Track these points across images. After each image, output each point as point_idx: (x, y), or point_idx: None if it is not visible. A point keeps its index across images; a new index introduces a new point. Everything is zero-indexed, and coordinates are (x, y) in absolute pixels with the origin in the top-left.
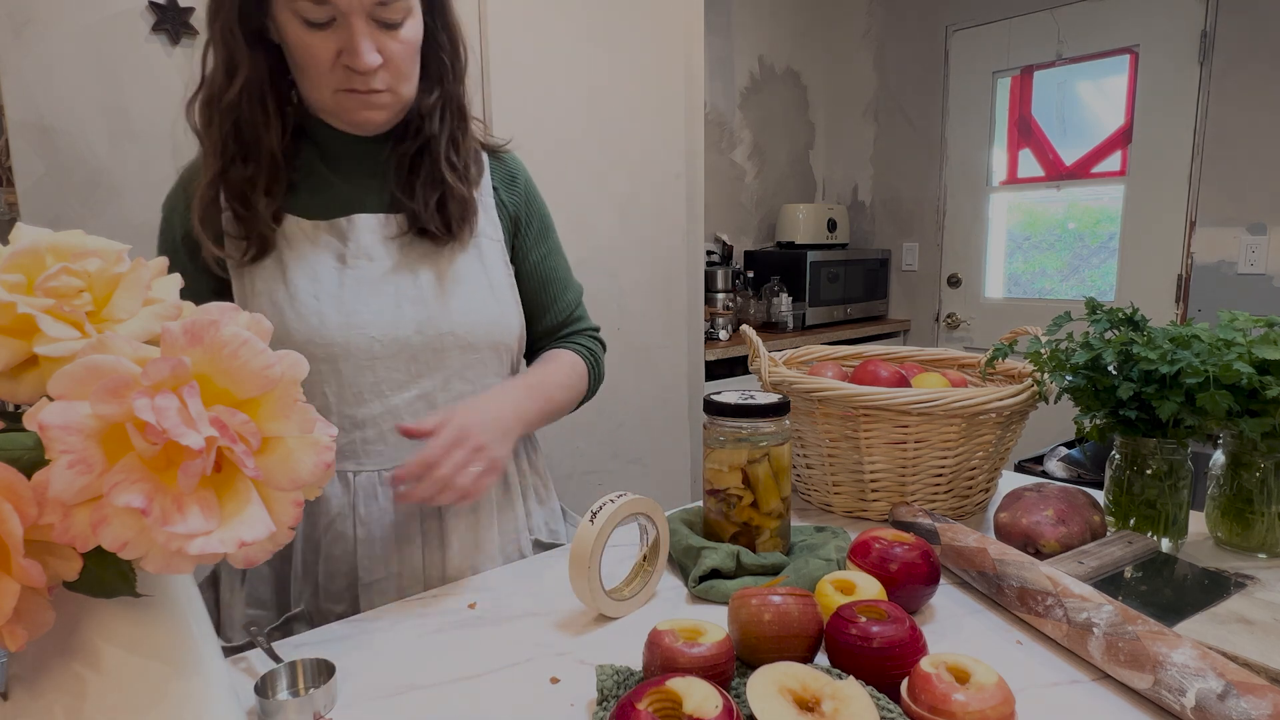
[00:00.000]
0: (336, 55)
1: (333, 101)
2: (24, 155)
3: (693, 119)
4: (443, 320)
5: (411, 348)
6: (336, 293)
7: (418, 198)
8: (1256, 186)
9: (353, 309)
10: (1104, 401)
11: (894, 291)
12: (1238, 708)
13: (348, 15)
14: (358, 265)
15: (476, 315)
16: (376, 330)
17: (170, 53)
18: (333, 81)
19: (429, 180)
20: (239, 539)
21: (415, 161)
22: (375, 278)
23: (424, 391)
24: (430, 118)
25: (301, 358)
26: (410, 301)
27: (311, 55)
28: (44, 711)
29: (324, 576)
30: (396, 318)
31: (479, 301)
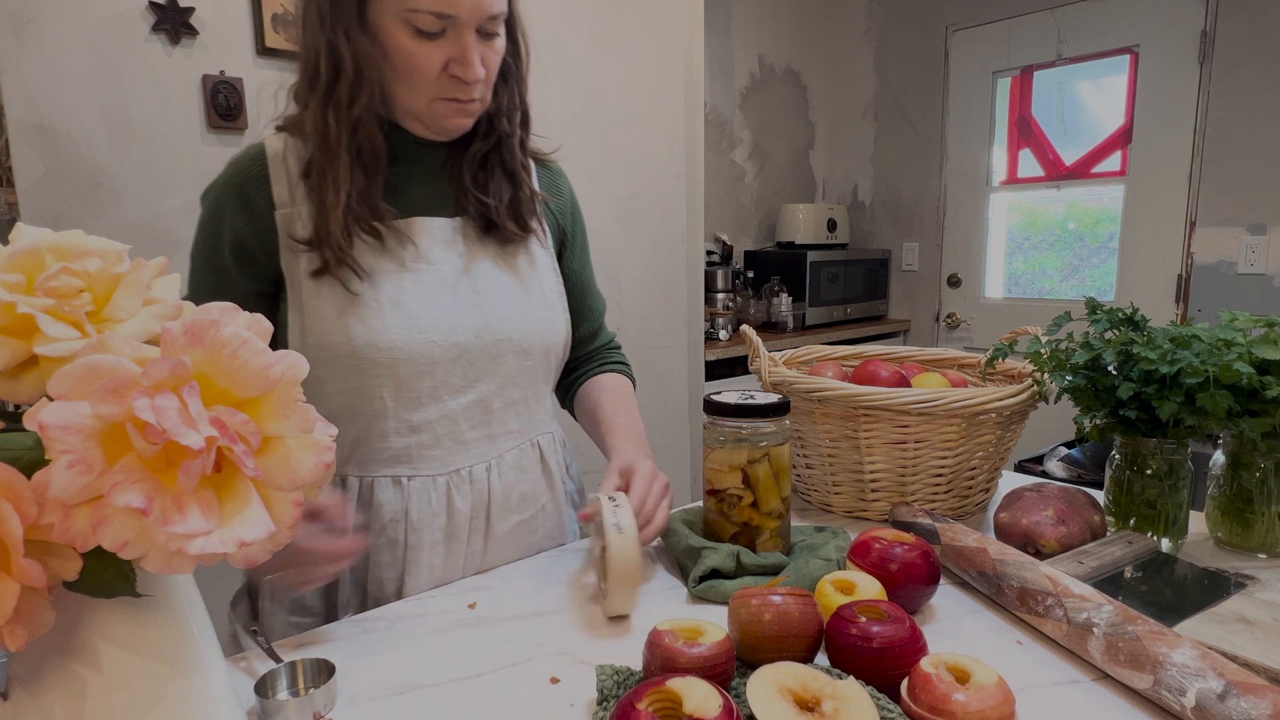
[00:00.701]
0: (444, 65)
1: (428, 109)
2: (24, 155)
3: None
4: (500, 326)
5: (470, 353)
6: (397, 297)
7: (492, 194)
8: (1256, 186)
9: (414, 313)
10: (1104, 401)
11: (894, 291)
12: (1238, 708)
13: (462, 27)
14: (418, 269)
15: (532, 322)
16: (437, 335)
17: (170, 53)
18: (435, 90)
19: (503, 178)
20: (239, 539)
21: (487, 161)
22: (435, 282)
23: (480, 396)
24: (501, 118)
25: (301, 358)
26: (469, 306)
27: (417, 64)
28: (44, 711)
29: (373, 583)
30: (456, 323)
31: (534, 308)
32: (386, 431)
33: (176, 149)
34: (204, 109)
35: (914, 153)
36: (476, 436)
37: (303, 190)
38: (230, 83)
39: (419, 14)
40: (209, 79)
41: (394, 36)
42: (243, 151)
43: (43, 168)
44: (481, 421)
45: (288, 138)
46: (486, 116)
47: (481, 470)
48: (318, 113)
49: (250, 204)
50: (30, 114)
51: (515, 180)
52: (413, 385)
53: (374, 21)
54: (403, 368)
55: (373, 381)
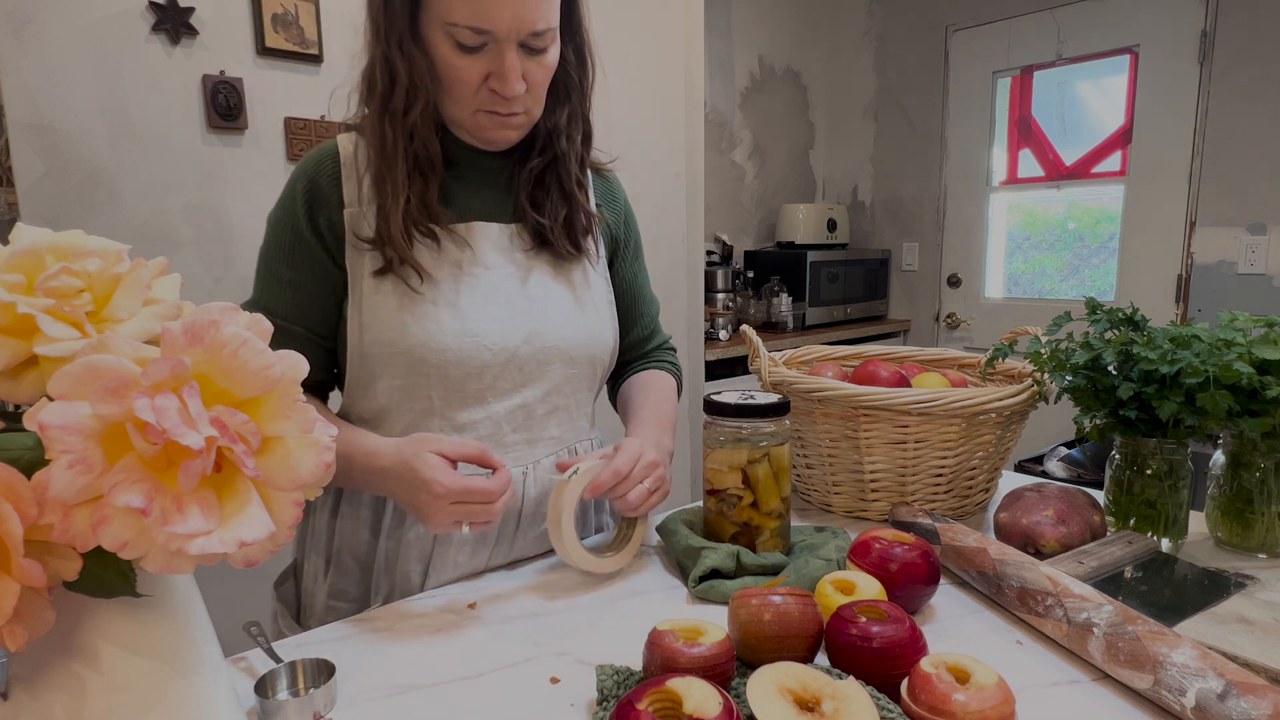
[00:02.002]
0: (484, 78)
1: (471, 120)
2: (24, 155)
3: (693, 119)
4: (550, 333)
5: (519, 358)
6: (453, 299)
7: (546, 214)
8: (1256, 186)
9: (468, 316)
10: (1104, 401)
11: (894, 291)
12: (1238, 708)
13: (502, 43)
14: (474, 273)
15: (581, 331)
16: (489, 339)
17: (170, 53)
18: (476, 102)
19: (558, 197)
20: (239, 539)
21: (543, 178)
22: (490, 287)
23: (524, 402)
24: (559, 135)
25: (301, 358)
26: (521, 313)
27: (459, 76)
28: (44, 711)
29: (400, 576)
30: (508, 328)
31: (585, 318)
32: (432, 429)
33: (176, 149)
34: (204, 109)
35: (914, 153)
36: (517, 440)
37: (369, 191)
38: (230, 83)
39: (458, 28)
40: (209, 79)
41: (438, 48)
42: (315, 149)
43: (43, 168)
44: (523, 426)
45: (358, 138)
46: (545, 133)
47: (518, 474)
48: (375, 120)
49: (324, 198)
50: (30, 114)
51: (571, 200)
52: (461, 386)
53: (423, 32)
54: (452, 369)
55: (422, 380)
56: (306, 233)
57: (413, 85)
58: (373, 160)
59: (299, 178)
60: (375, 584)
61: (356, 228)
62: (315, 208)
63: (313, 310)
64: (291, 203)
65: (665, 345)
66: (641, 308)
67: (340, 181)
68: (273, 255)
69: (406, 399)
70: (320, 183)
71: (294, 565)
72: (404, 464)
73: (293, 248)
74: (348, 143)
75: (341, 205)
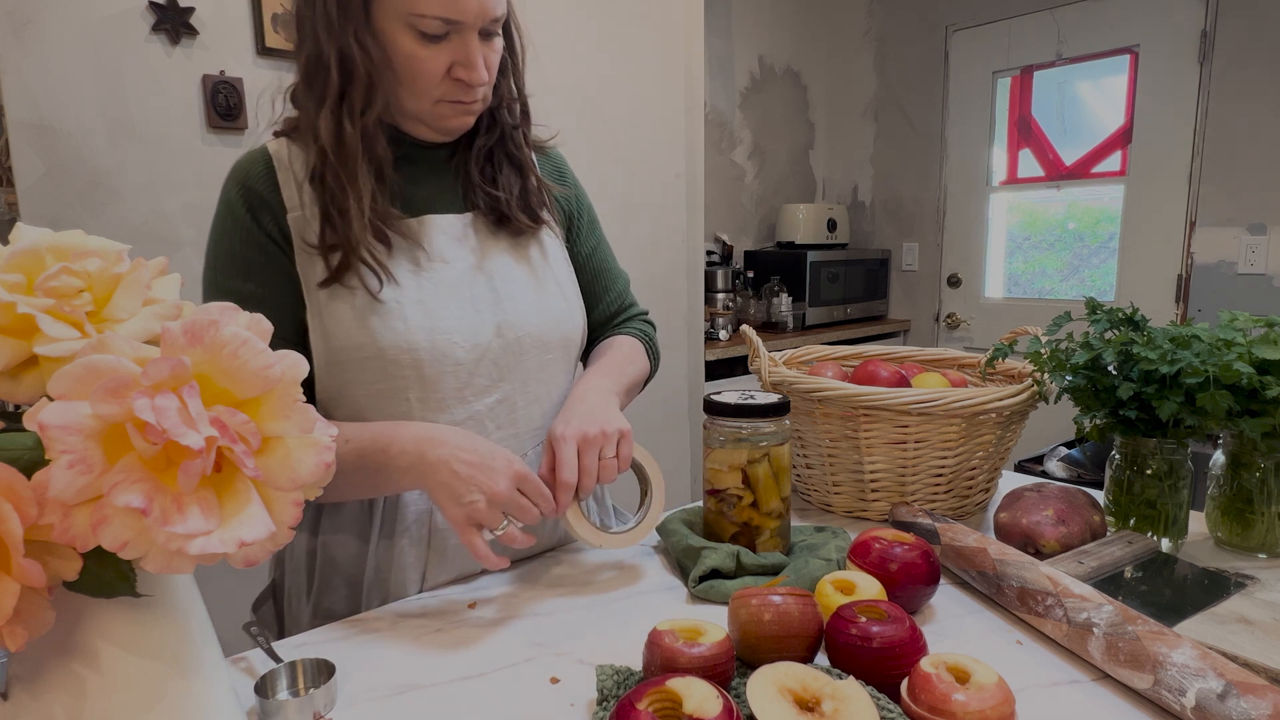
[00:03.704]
0: (447, 68)
1: (432, 111)
2: (24, 155)
3: (693, 119)
4: (520, 322)
5: (493, 352)
6: (417, 297)
7: (501, 188)
8: (1256, 186)
9: (435, 313)
10: (1104, 401)
11: (894, 291)
12: (1238, 708)
13: (466, 31)
14: (433, 269)
15: (550, 315)
16: (460, 335)
17: (170, 53)
18: (439, 92)
19: (511, 170)
20: (239, 539)
21: (493, 154)
22: (451, 281)
23: (505, 395)
24: (503, 109)
25: (301, 358)
26: (487, 305)
27: (423, 68)
28: (44, 711)
29: (395, 584)
30: (476, 322)
31: (550, 301)
32: None
33: (176, 149)
34: (204, 109)
35: (914, 153)
36: (502, 436)
37: (309, 195)
38: (230, 83)
39: (424, 19)
40: (209, 79)
41: (396, 40)
42: (244, 156)
43: (43, 168)
44: (507, 420)
45: (289, 143)
46: (489, 111)
47: None
48: (330, 120)
49: (265, 202)
50: (30, 114)
51: (523, 171)
52: (438, 386)
53: (378, 25)
54: (427, 368)
55: (398, 384)
56: (260, 237)
57: (371, 80)
58: (329, 164)
59: (231, 186)
60: (366, 597)
61: (303, 233)
62: (258, 212)
63: (285, 321)
64: (231, 212)
65: (638, 315)
66: (607, 281)
67: (278, 186)
68: (224, 273)
69: (384, 404)
70: (256, 188)
71: (273, 586)
72: (472, 439)
73: (245, 257)
74: (278, 147)
75: (284, 209)
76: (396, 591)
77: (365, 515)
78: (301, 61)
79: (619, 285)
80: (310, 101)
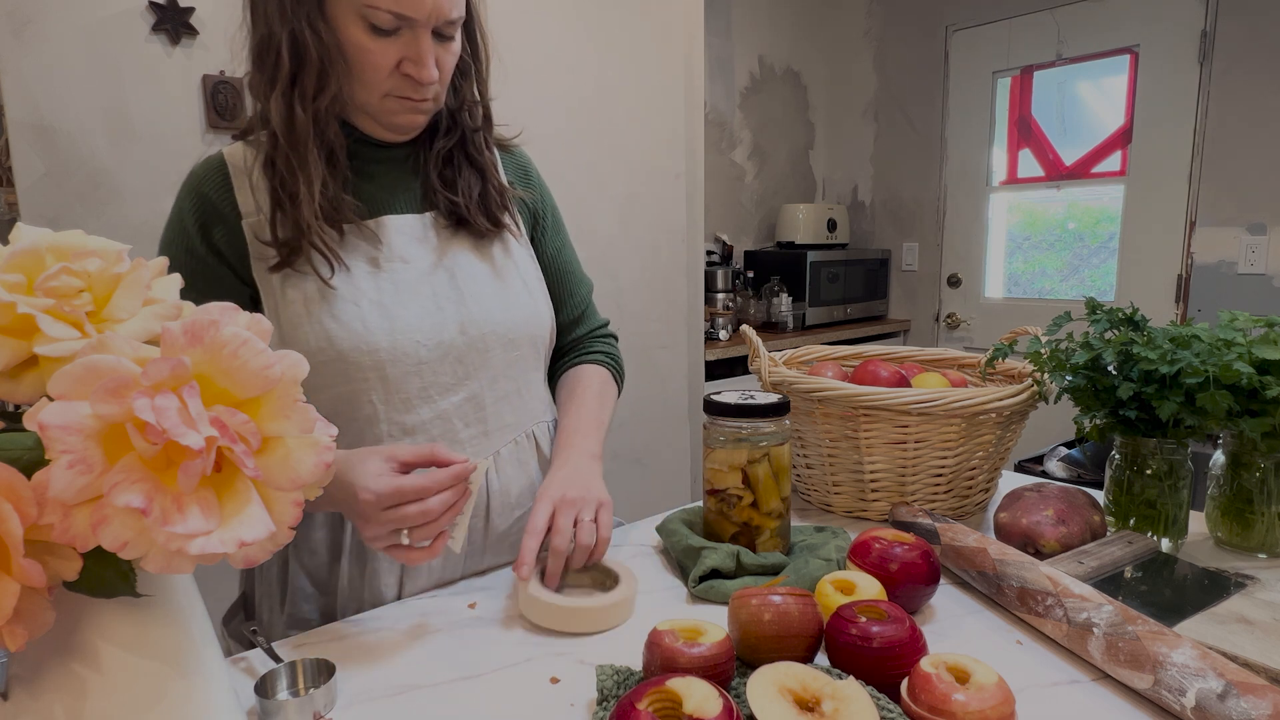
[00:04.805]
0: (397, 63)
1: (380, 105)
2: (24, 155)
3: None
4: (484, 319)
5: (456, 349)
6: (375, 298)
7: (460, 192)
8: (1256, 186)
9: (394, 313)
10: (1104, 401)
11: (894, 291)
12: (1238, 708)
13: (419, 28)
14: (392, 268)
15: (515, 311)
16: (421, 334)
17: (170, 53)
18: (386, 86)
19: (470, 173)
20: (239, 539)
21: (452, 156)
22: (412, 280)
23: (471, 394)
24: (463, 112)
25: (301, 358)
26: (450, 302)
27: (371, 60)
28: (44, 711)
29: (370, 591)
30: (439, 320)
31: (515, 298)
32: (380, 435)
33: (176, 149)
34: (204, 109)
35: (914, 153)
36: (472, 434)
37: (266, 196)
38: (230, 83)
39: (377, 11)
40: (209, 79)
41: (348, 30)
42: (199, 163)
43: (43, 168)
44: (476, 419)
45: (246, 148)
46: (448, 112)
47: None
48: (281, 104)
49: (217, 211)
50: (30, 114)
51: (483, 174)
52: (401, 387)
53: (331, 12)
54: (389, 368)
55: (360, 386)
56: (203, 251)
57: (323, 67)
58: (280, 149)
59: (185, 195)
60: (341, 608)
61: (260, 234)
62: (209, 224)
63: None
64: (180, 223)
65: (601, 332)
66: (570, 285)
67: (232, 191)
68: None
69: (346, 407)
70: (210, 196)
71: (243, 599)
72: (340, 475)
73: (190, 269)
74: (236, 153)
75: (239, 216)
76: (372, 600)
77: (337, 524)
78: (254, 44)
79: (582, 290)
80: (262, 84)
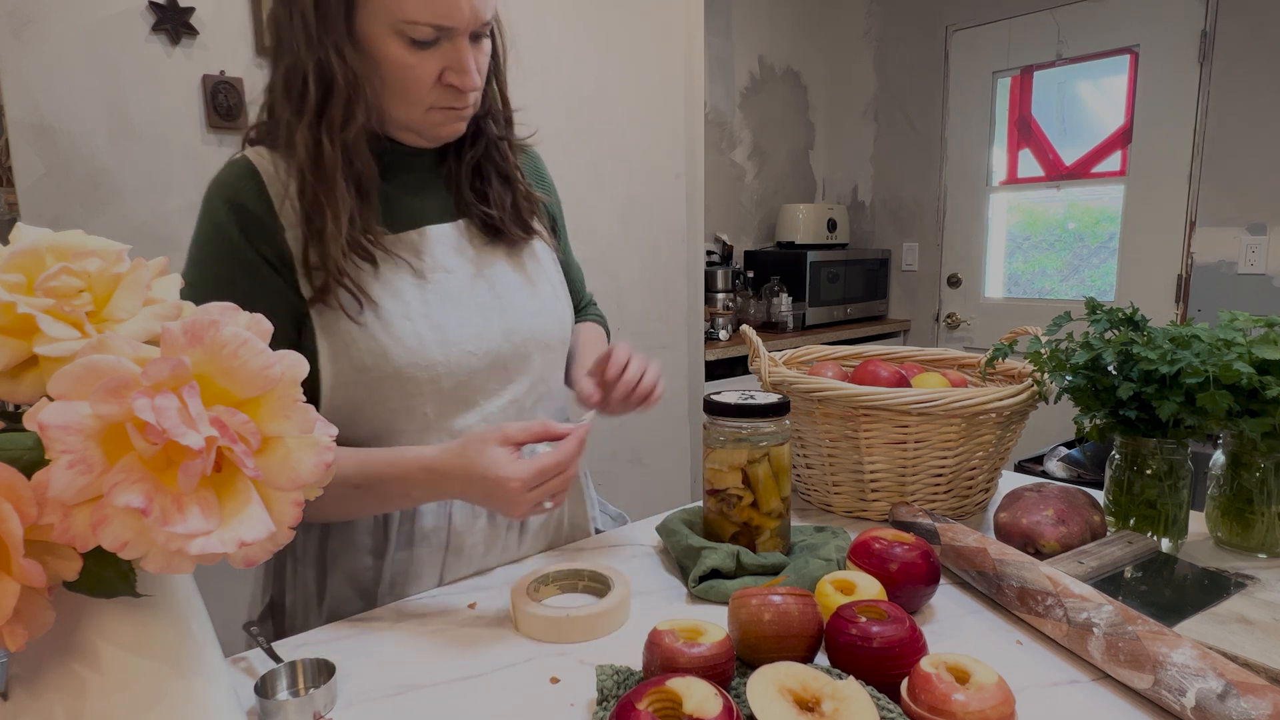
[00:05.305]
0: (439, 74)
1: (423, 119)
2: (24, 155)
3: (693, 119)
4: (524, 326)
5: (503, 357)
6: (424, 310)
7: (494, 203)
8: (1256, 186)
9: (444, 325)
10: (1104, 401)
11: (894, 291)
12: (1238, 708)
13: (457, 36)
14: (436, 279)
15: (549, 316)
16: (471, 344)
17: (170, 53)
18: (430, 99)
19: (500, 183)
20: (239, 539)
21: (481, 167)
22: (456, 291)
23: (514, 397)
24: (488, 120)
25: (301, 358)
26: (493, 311)
27: (413, 75)
28: (44, 711)
29: (414, 584)
30: (484, 329)
31: (547, 303)
32: (429, 441)
33: (176, 149)
34: (204, 109)
35: (914, 153)
36: None
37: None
38: (230, 83)
39: (415, 25)
40: (209, 79)
41: (385, 47)
42: (226, 171)
43: (43, 168)
44: (515, 420)
45: (271, 154)
46: (474, 120)
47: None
48: (309, 136)
49: (260, 222)
50: (30, 114)
51: (512, 183)
52: (454, 396)
53: (363, 32)
54: (444, 381)
55: (416, 399)
56: (253, 260)
57: (352, 93)
58: (308, 182)
59: (220, 206)
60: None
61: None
62: (254, 235)
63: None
64: (220, 235)
65: (591, 302)
66: (574, 275)
67: (270, 201)
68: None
69: (402, 419)
70: (249, 207)
71: (271, 605)
72: (469, 469)
73: (233, 281)
74: (264, 160)
75: (281, 228)
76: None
77: (380, 529)
78: (280, 73)
79: (580, 277)
80: (288, 115)
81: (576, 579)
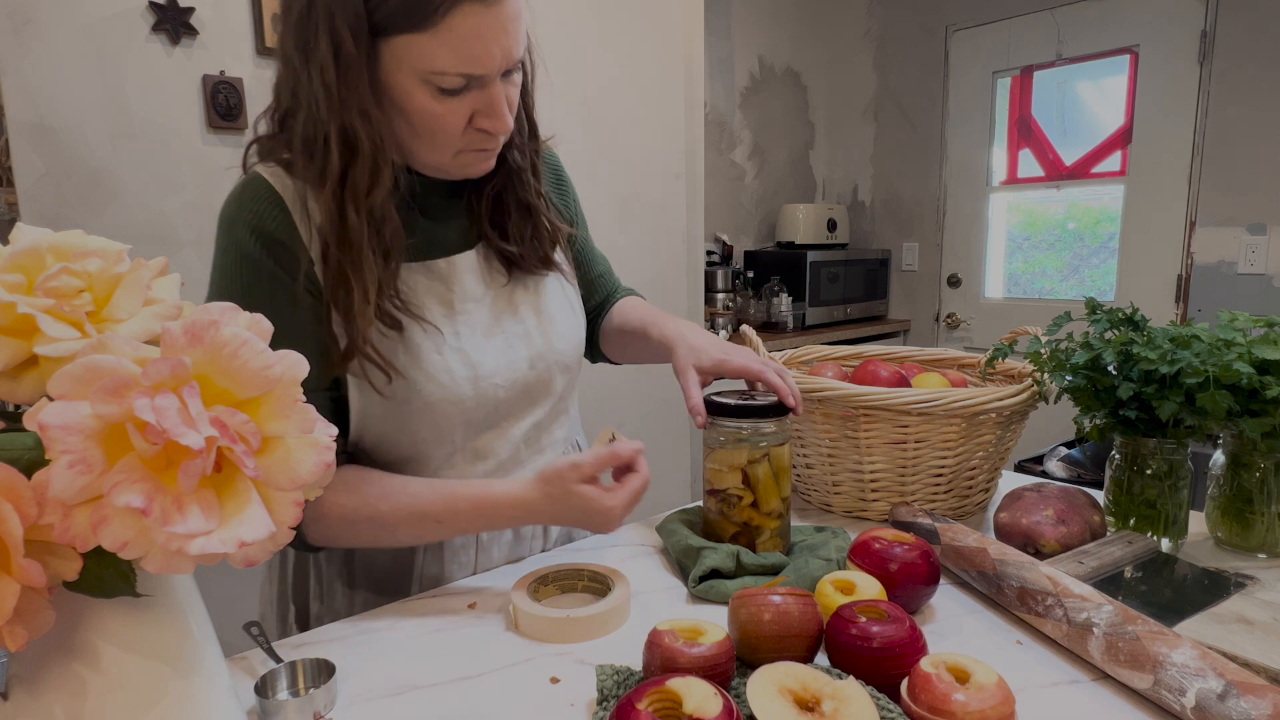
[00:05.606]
0: (469, 119)
1: (454, 162)
2: (24, 155)
3: (693, 119)
4: (548, 352)
5: (529, 385)
6: (456, 344)
7: (513, 237)
8: (1256, 186)
9: (475, 360)
10: (1104, 401)
11: (894, 291)
12: (1238, 708)
13: (487, 80)
14: (466, 309)
15: (569, 339)
16: (499, 376)
17: (170, 53)
18: (461, 144)
19: (519, 214)
20: (239, 539)
21: (501, 197)
22: (485, 322)
23: (536, 419)
24: (513, 150)
25: (301, 358)
26: (518, 339)
27: (443, 124)
28: (44, 711)
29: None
30: (511, 359)
31: (566, 325)
32: (455, 464)
33: (176, 149)
34: (204, 109)
35: (914, 153)
36: (530, 453)
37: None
38: (230, 83)
39: (444, 76)
40: (209, 79)
41: (413, 97)
42: (243, 192)
43: (43, 168)
44: (535, 439)
45: (290, 178)
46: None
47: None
48: (332, 204)
49: (287, 249)
50: (30, 114)
51: (533, 213)
52: (481, 423)
53: (388, 83)
54: (473, 413)
55: (445, 428)
56: (287, 281)
57: (378, 158)
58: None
59: (244, 233)
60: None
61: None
62: (283, 260)
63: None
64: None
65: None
66: (598, 270)
67: (295, 229)
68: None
69: (431, 447)
70: (275, 234)
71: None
72: (565, 503)
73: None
74: (281, 181)
75: (311, 262)
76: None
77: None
78: (301, 134)
79: (604, 269)
80: (309, 177)
81: (576, 579)
